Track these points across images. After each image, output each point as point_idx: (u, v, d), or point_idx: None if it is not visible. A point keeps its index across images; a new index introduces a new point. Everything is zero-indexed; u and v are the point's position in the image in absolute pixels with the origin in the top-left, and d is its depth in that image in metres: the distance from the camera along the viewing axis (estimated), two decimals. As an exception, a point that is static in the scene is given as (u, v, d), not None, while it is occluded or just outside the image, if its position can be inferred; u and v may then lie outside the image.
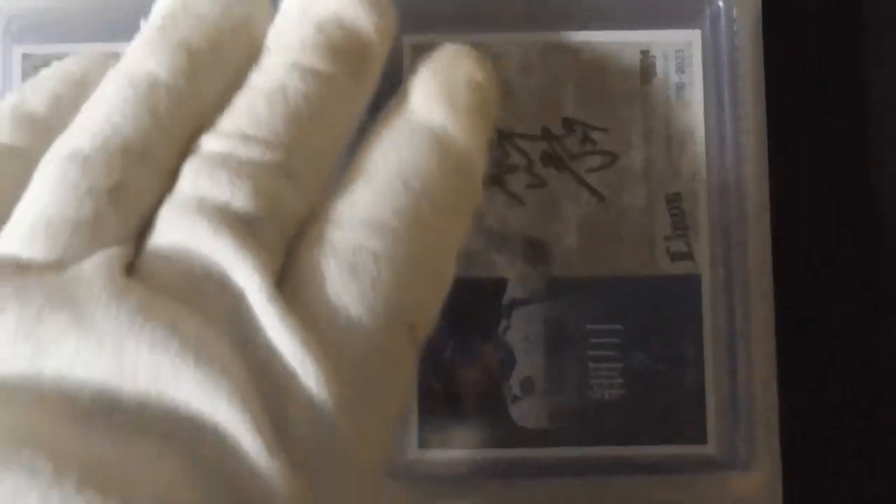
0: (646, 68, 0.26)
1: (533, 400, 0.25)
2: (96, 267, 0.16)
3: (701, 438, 0.25)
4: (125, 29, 0.25)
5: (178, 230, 0.17)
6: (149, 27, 0.19)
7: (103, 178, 0.17)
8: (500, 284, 0.25)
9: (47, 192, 0.17)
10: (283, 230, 0.18)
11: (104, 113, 0.18)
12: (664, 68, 0.26)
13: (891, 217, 0.28)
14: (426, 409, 0.25)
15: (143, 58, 0.18)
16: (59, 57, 0.25)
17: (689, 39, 0.26)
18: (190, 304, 0.16)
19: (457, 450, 0.25)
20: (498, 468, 0.25)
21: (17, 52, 0.25)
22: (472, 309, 0.25)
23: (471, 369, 0.25)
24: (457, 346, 0.25)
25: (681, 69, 0.26)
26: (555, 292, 0.25)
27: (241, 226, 0.17)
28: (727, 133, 0.26)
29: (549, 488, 0.25)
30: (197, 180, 0.17)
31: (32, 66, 0.25)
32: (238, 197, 0.17)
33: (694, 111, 0.26)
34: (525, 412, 0.25)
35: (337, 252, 0.17)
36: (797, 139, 0.28)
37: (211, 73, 0.19)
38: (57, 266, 0.16)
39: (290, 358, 0.16)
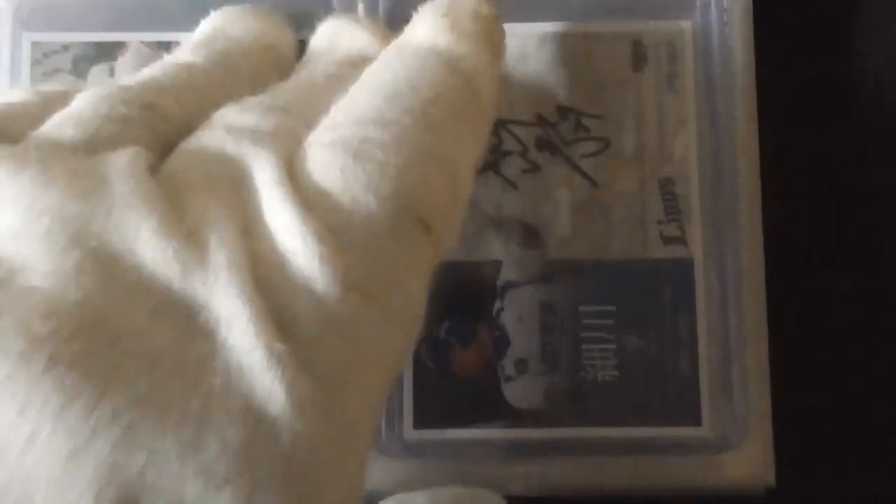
0: (638, 57, 0.27)
1: (527, 380, 0.25)
2: (121, 155, 0.16)
3: (695, 420, 0.25)
4: (132, 18, 0.26)
5: (203, 140, 0.17)
6: (189, 42, 0.21)
7: (137, 95, 0.18)
8: (494, 267, 0.26)
9: (84, 99, 0.18)
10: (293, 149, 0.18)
11: (146, 72, 0.19)
12: (656, 57, 0.27)
13: (883, 199, 0.29)
14: (421, 388, 0.25)
15: (183, 54, 0.21)
16: (68, 45, 0.26)
17: (680, 29, 0.27)
18: (202, 194, 0.16)
19: (451, 429, 0.25)
20: (492, 447, 0.25)
21: (27, 39, 0.26)
22: (467, 291, 0.26)
23: (465, 350, 0.25)
24: (452, 327, 0.26)
25: (672, 58, 0.27)
26: (548, 275, 0.26)
27: (263, 137, 0.17)
28: (719, 120, 0.26)
29: (544, 467, 0.25)
30: (226, 115, 0.18)
31: (42, 53, 0.26)
32: (262, 124, 0.18)
33: (685, 99, 0.26)
34: (519, 392, 0.25)
35: (343, 143, 0.17)
36: (789, 126, 0.29)
37: (241, 71, 0.21)
38: (84, 148, 0.17)
39: (290, 238, 0.16)
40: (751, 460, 0.25)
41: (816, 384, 0.27)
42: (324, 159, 0.17)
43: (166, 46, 0.26)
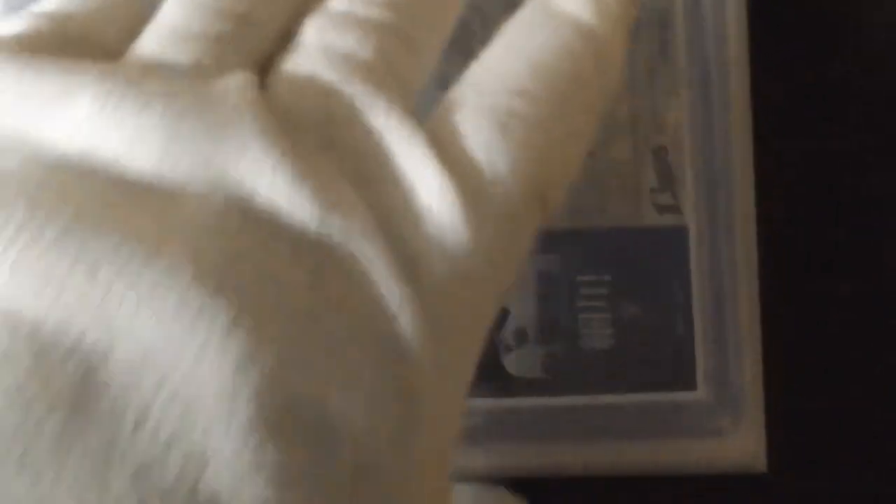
0: (630, 26, 0.27)
1: (526, 350, 0.26)
2: (236, 84, 0.16)
3: (690, 385, 0.26)
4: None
5: (305, 68, 0.17)
6: None
7: (230, 6, 0.17)
8: (491, 239, 0.26)
9: (174, 12, 0.17)
10: (405, 92, 0.17)
11: None
12: (648, 25, 0.27)
13: (882, 203, 0.29)
14: (422, 360, 0.26)
15: None
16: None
17: (671, -3, 0.27)
18: (317, 135, 0.16)
19: (452, 399, 0.26)
20: (492, 416, 0.26)
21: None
22: (464, 263, 0.26)
23: (465, 322, 0.26)
24: (450, 299, 0.26)
25: (664, 26, 0.27)
26: (545, 245, 0.26)
27: (370, 72, 0.17)
28: (712, 87, 0.26)
29: (542, 435, 0.26)
30: (322, 32, 0.18)
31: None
32: (363, 50, 0.17)
33: (678, 67, 0.27)
34: (518, 362, 0.26)
35: (491, 112, 0.17)
36: (788, 130, 0.29)
37: None
38: (195, 73, 0.16)
39: (427, 193, 0.16)
40: (745, 422, 0.26)
41: (815, 388, 0.28)
42: (472, 125, 0.17)
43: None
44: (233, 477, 0.14)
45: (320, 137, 0.16)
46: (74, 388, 0.14)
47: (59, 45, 0.17)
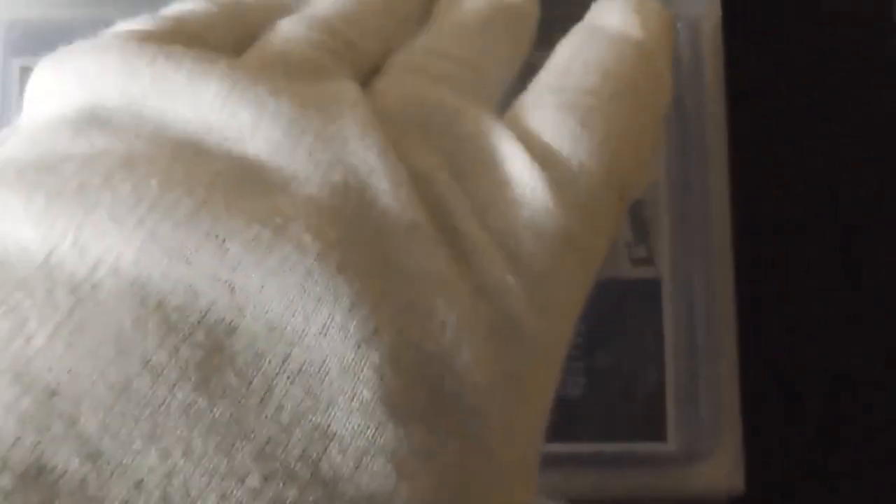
0: (610, 82, 0.27)
1: (498, 397, 0.26)
2: (347, 87, 0.18)
3: (661, 436, 0.26)
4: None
5: (403, 84, 0.19)
6: None
7: (338, 30, 0.19)
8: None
9: (293, 24, 0.19)
10: (489, 100, 0.19)
11: (331, 5, 0.20)
12: (627, 82, 0.27)
13: (853, 211, 0.29)
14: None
15: None
16: (56, 70, 0.27)
17: (651, 55, 0.27)
18: (419, 138, 0.17)
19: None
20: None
21: (16, 64, 0.27)
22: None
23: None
24: (426, 344, 0.26)
25: (643, 83, 0.27)
26: (520, 294, 0.27)
27: (468, 89, 0.19)
28: (690, 141, 0.27)
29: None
30: (417, 61, 0.19)
31: (30, 78, 0.27)
32: (451, 68, 0.19)
33: (656, 123, 0.27)
34: (491, 408, 0.26)
35: (570, 108, 0.18)
36: (784, 133, 0.29)
37: (400, 8, 0.21)
38: (313, 73, 0.18)
39: (520, 186, 0.17)
40: (717, 476, 0.26)
41: (811, 391, 0.28)
42: (554, 121, 0.18)
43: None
44: (354, 456, 0.14)
45: (420, 138, 0.17)
46: (202, 360, 0.14)
47: (182, 42, 0.18)
